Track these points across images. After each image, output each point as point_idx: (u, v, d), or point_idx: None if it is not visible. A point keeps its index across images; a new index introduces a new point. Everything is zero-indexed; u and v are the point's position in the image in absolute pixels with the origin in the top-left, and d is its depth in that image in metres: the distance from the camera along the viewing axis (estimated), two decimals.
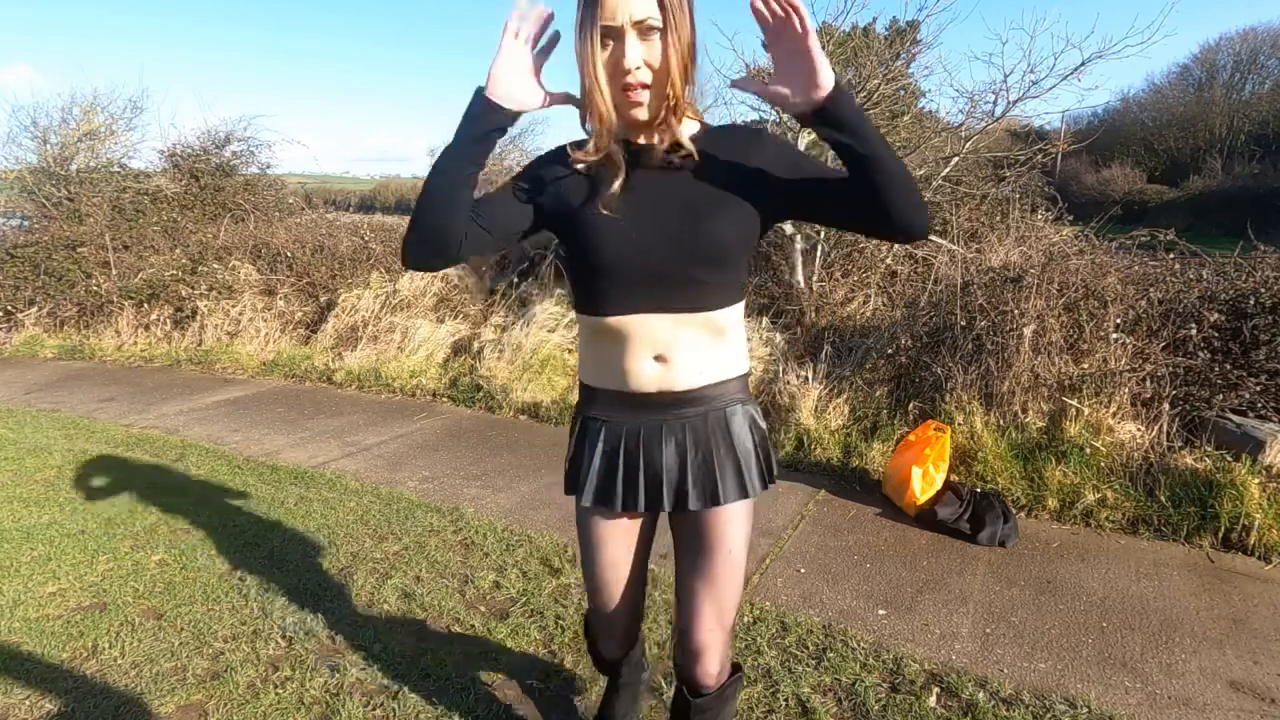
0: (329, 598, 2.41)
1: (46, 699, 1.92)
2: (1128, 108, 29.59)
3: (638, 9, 1.00)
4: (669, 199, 1.10)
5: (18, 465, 3.68)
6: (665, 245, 1.08)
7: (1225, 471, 2.88)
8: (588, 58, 1.02)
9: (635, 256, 1.09)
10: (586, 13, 1.02)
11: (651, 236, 1.08)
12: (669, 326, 1.13)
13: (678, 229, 1.08)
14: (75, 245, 7.35)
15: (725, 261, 1.11)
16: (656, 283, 1.10)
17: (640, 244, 1.08)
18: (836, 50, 5.50)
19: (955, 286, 3.94)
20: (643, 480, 1.19)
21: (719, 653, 1.24)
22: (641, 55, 1.02)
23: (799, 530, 2.96)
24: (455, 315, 5.88)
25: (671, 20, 1.02)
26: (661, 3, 1.01)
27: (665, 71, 1.03)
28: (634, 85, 1.03)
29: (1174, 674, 2.05)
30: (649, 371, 1.15)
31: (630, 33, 1.01)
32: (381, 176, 48.58)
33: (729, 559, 1.21)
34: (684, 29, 1.03)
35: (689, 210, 1.09)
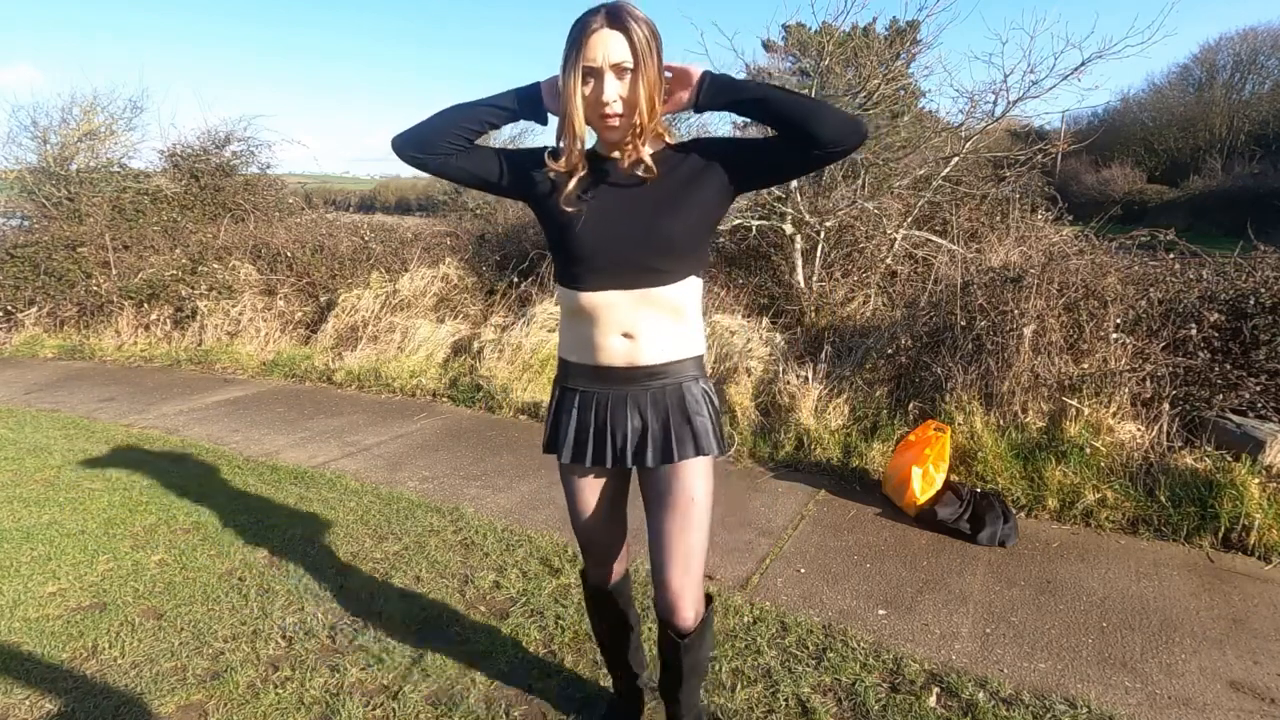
0: (329, 598, 2.41)
1: (46, 699, 1.92)
2: (1128, 108, 29.59)
3: (614, 53, 1.22)
4: (629, 202, 1.33)
5: (18, 465, 3.68)
6: (624, 239, 1.31)
7: (1225, 471, 2.88)
8: (571, 91, 1.24)
9: (600, 247, 1.32)
10: (571, 52, 1.24)
11: (613, 231, 1.31)
12: (633, 305, 1.34)
13: (633, 227, 1.31)
14: (75, 245, 7.35)
15: (675, 252, 1.33)
16: (619, 267, 1.32)
17: (603, 237, 1.31)
18: (836, 50, 5.50)
19: (955, 286, 3.94)
20: (610, 441, 1.41)
21: (693, 596, 1.43)
22: (617, 91, 1.25)
23: (799, 530, 2.97)
24: (455, 315, 5.88)
25: (642, 63, 1.23)
26: (634, 49, 1.23)
27: (634, 104, 1.25)
28: (610, 115, 1.26)
29: (1174, 674, 2.05)
30: (618, 347, 1.37)
31: (608, 73, 1.23)
32: (381, 176, 48.54)
33: (692, 506, 1.40)
34: (651, 71, 1.25)
35: (644, 213, 1.32)
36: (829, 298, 4.82)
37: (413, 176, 37.63)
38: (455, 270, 6.23)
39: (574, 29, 1.24)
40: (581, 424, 1.44)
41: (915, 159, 5.47)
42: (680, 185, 1.33)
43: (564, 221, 1.33)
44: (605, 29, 1.22)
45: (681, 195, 1.32)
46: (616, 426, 1.41)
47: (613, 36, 1.22)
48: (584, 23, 1.23)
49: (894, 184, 5.26)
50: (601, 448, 1.42)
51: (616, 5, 1.24)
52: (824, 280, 5.01)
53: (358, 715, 1.85)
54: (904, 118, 6.38)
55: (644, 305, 1.34)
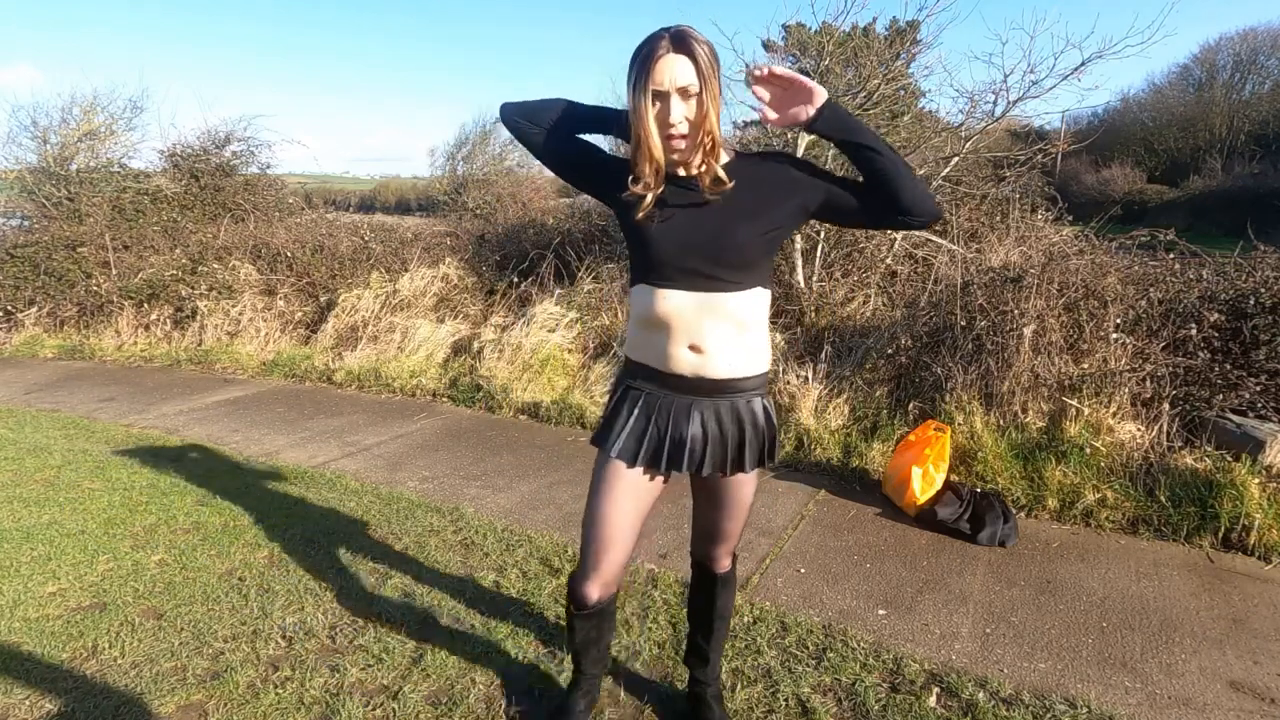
0: (329, 598, 2.41)
1: (46, 699, 1.92)
2: (1128, 108, 29.58)
3: (680, 77, 1.28)
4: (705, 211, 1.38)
5: (18, 465, 3.68)
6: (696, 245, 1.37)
7: (1225, 471, 2.88)
8: (642, 114, 1.29)
9: (673, 251, 1.38)
10: (640, 78, 1.29)
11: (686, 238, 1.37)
12: (697, 313, 1.39)
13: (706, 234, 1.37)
14: (75, 245, 7.35)
15: (742, 258, 1.38)
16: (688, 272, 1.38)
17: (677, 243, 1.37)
18: (836, 50, 5.50)
19: (955, 286, 3.94)
20: (668, 446, 1.46)
21: (729, 554, 1.71)
22: (683, 113, 1.30)
23: (799, 530, 2.96)
24: (455, 315, 5.87)
25: (706, 84, 1.29)
26: (699, 71, 1.28)
27: (702, 123, 1.30)
28: (676, 136, 1.31)
29: (1174, 674, 2.05)
30: (687, 358, 1.42)
31: (674, 96, 1.29)
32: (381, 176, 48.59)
33: (741, 507, 1.60)
34: (715, 89, 1.30)
35: (717, 220, 1.37)
36: (829, 298, 4.82)
37: (412, 176, 37.59)
38: (455, 270, 6.23)
39: (640, 53, 1.29)
40: (641, 424, 1.47)
41: (915, 159, 5.46)
42: (757, 196, 1.38)
43: (642, 230, 1.39)
44: (671, 54, 1.27)
45: (758, 205, 1.38)
46: (677, 432, 1.45)
47: (678, 61, 1.27)
48: (650, 48, 1.28)
49: None
50: (657, 452, 1.46)
51: (679, 30, 1.29)
52: (824, 280, 5.01)
53: (358, 715, 1.85)
54: (904, 118, 6.38)
55: (708, 314, 1.39)
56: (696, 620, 1.78)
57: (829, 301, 4.79)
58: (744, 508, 1.59)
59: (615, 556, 1.53)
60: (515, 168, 11.83)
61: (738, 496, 1.56)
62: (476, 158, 11.91)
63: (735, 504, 1.57)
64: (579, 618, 1.61)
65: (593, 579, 1.55)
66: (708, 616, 1.74)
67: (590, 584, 1.55)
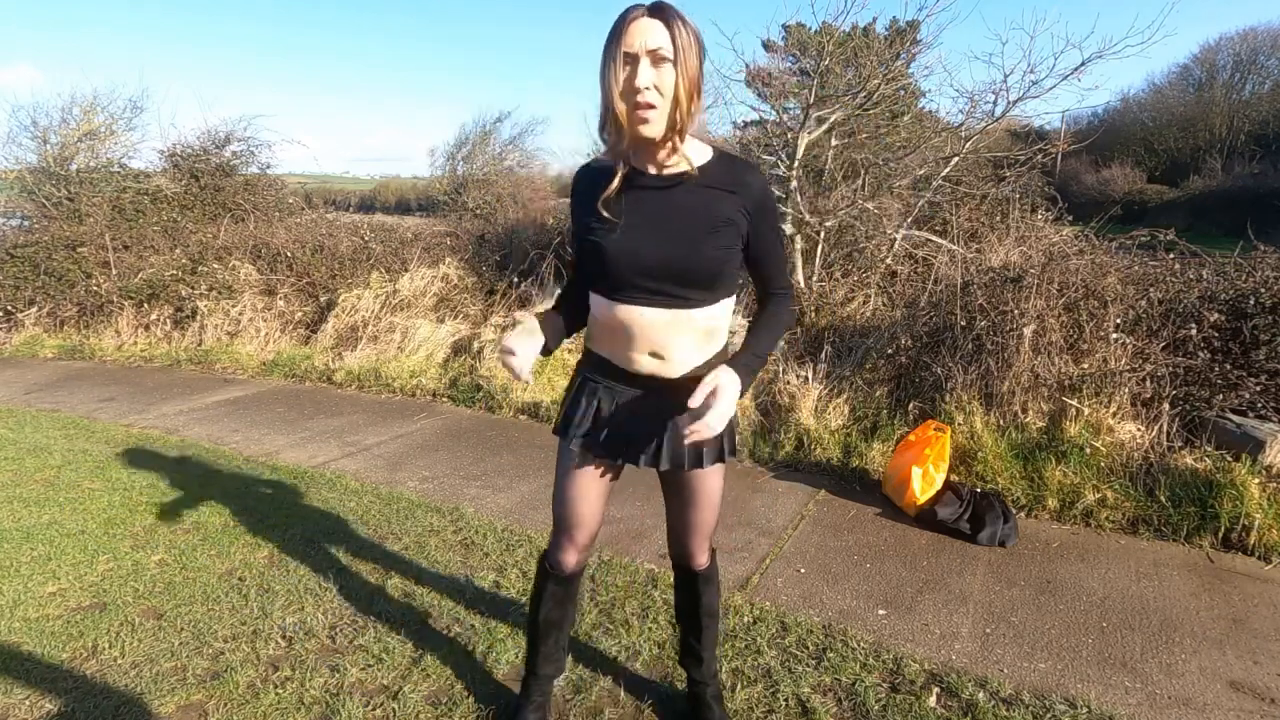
0: (329, 598, 2.41)
1: (46, 699, 1.92)
2: (1128, 108, 29.58)
3: (652, 40, 1.21)
4: (669, 218, 1.32)
5: (18, 465, 3.68)
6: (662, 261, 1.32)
7: (1225, 471, 2.88)
8: (611, 77, 1.22)
9: (633, 266, 1.33)
10: (611, 40, 1.23)
11: (651, 250, 1.32)
12: (665, 326, 1.36)
13: (673, 249, 1.32)
14: (75, 245, 7.35)
15: (715, 279, 1.35)
16: (655, 288, 1.34)
17: (640, 255, 1.32)
18: (836, 50, 5.50)
19: (955, 286, 3.94)
20: (624, 439, 1.48)
21: (705, 549, 1.68)
22: (652, 79, 1.22)
23: (799, 530, 2.96)
24: (455, 315, 5.88)
25: (681, 54, 1.22)
26: (673, 38, 1.21)
27: (675, 97, 1.23)
28: (643, 105, 1.22)
29: (1174, 674, 2.05)
30: (647, 363, 1.42)
31: (644, 59, 1.21)
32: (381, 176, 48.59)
33: (709, 500, 1.58)
34: (691, 63, 1.23)
35: (684, 235, 1.32)
36: (829, 298, 4.82)
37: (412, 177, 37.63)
38: (455, 270, 6.23)
39: (616, 20, 1.25)
40: (599, 416, 1.49)
41: (915, 159, 5.47)
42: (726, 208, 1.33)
43: (600, 235, 1.34)
44: (645, 18, 1.23)
45: (726, 218, 1.33)
46: (635, 426, 1.47)
47: (652, 25, 1.22)
48: (625, 12, 1.25)
49: (894, 184, 5.26)
50: (617, 444, 1.49)
51: (660, 1, 1.24)
52: (824, 280, 5.01)
53: (358, 715, 1.84)
54: (904, 118, 6.38)
55: (676, 329, 1.37)
56: (685, 621, 1.77)
57: (829, 301, 4.79)
58: (712, 499, 1.58)
59: (586, 530, 1.60)
60: (515, 168, 11.84)
61: (704, 488, 1.55)
62: (476, 158, 11.92)
63: (702, 495, 1.56)
64: (553, 580, 1.66)
65: (568, 547, 1.62)
66: (695, 616, 1.74)
67: (566, 552, 1.62)
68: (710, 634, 1.76)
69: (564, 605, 1.71)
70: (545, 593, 1.68)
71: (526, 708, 1.76)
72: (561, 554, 1.63)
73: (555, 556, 1.64)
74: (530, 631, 1.75)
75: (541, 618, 1.70)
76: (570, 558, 1.63)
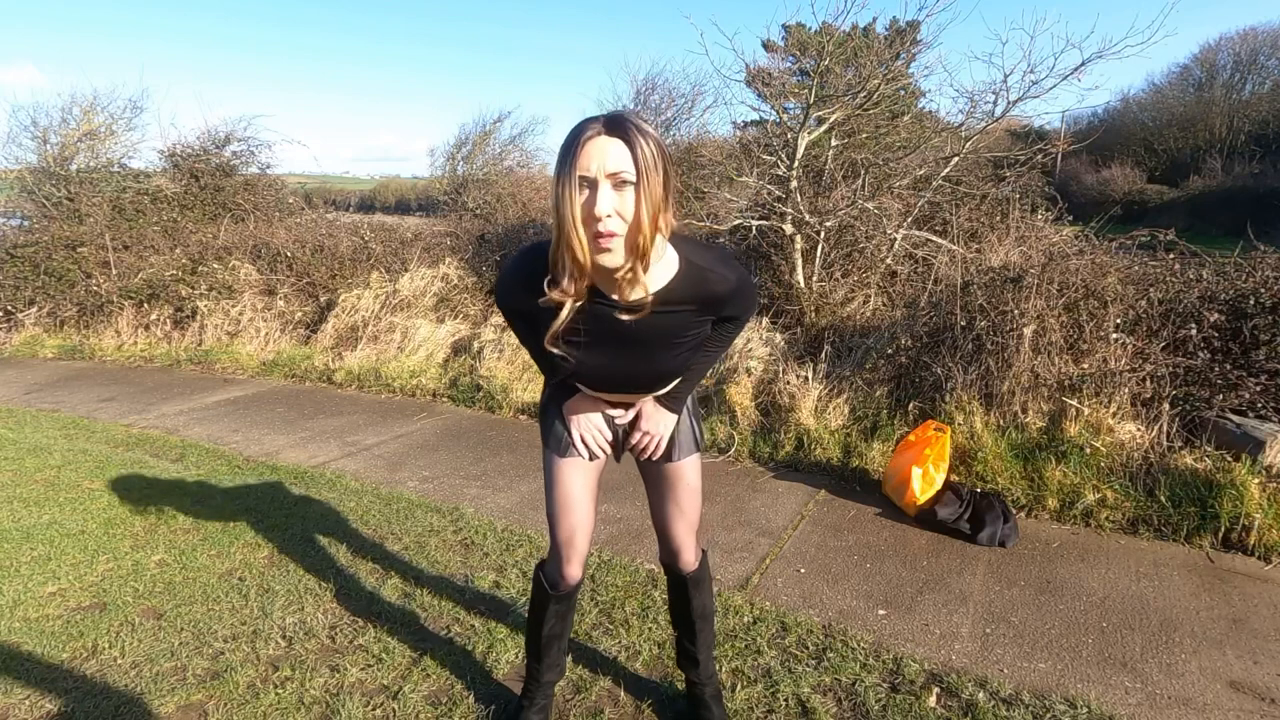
0: (329, 598, 2.41)
1: (46, 699, 1.92)
2: (1128, 108, 29.54)
3: (611, 163, 1.10)
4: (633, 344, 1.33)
5: (18, 465, 3.68)
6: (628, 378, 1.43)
7: (1225, 471, 2.88)
8: (566, 203, 1.12)
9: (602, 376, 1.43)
10: (565, 163, 1.12)
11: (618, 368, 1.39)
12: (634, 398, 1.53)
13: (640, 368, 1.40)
14: (75, 245, 7.35)
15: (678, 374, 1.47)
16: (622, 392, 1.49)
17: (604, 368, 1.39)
18: (836, 50, 5.50)
19: (955, 286, 3.94)
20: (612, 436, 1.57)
21: (691, 546, 1.69)
22: (613, 204, 1.12)
23: (799, 530, 2.96)
24: (455, 315, 5.88)
25: (644, 176, 1.11)
26: (635, 159, 1.11)
27: (636, 222, 1.13)
28: (604, 234, 1.12)
29: (1174, 674, 2.05)
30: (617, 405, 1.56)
31: (604, 183, 1.11)
32: (381, 176, 48.58)
33: (689, 489, 1.63)
34: (655, 186, 1.13)
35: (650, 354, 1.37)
36: (829, 298, 4.82)
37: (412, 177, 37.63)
38: (455, 270, 6.23)
39: (568, 137, 1.14)
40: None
41: (915, 159, 5.46)
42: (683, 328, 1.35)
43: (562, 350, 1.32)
44: (603, 136, 1.11)
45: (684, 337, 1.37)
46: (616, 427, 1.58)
47: (611, 144, 1.11)
48: (579, 129, 1.13)
49: (894, 184, 5.26)
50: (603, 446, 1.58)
51: (618, 114, 1.15)
52: (824, 280, 5.01)
53: (358, 715, 1.84)
54: (904, 118, 6.38)
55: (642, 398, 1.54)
56: (679, 624, 1.79)
57: (829, 301, 4.79)
58: (692, 488, 1.62)
59: (583, 537, 1.62)
60: (515, 168, 11.83)
61: (683, 479, 1.61)
62: (476, 158, 11.91)
63: (682, 486, 1.61)
64: (555, 599, 1.67)
65: (570, 559, 1.62)
66: (688, 618, 1.74)
67: (569, 565, 1.62)
68: (705, 636, 1.76)
69: (565, 619, 1.73)
70: (548, 611, 1.68)
71: (530, 709, 1.77)
72: (565, 567, 1.62)
73: (557, 575, 1.63)
74: (532, 644, 1.75)
75: (545, 633, 1.70)
76: (574, 570, 1.63)
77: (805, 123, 5.16)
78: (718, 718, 1.78)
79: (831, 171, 5.67)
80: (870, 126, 5.86)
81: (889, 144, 5.95)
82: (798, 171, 5.08)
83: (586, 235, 1.13)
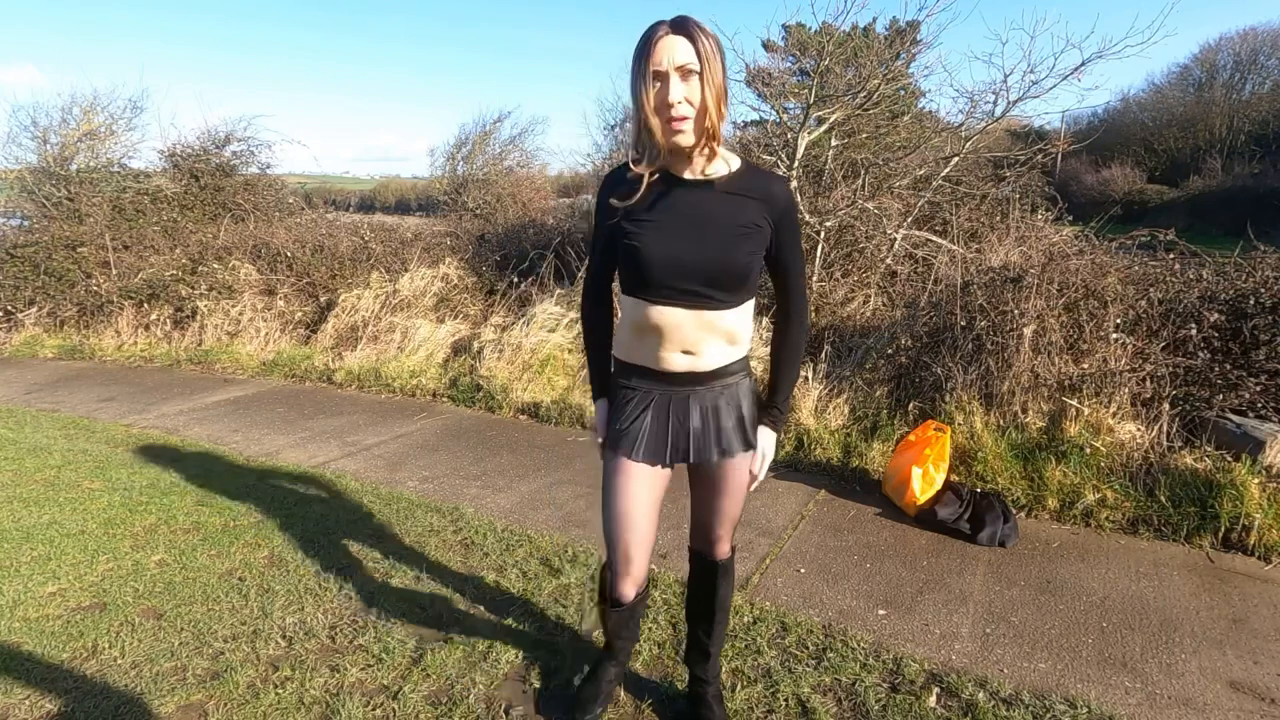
0: (329, 598, 2.41)
1: (46, 699, 1.92)
2: (1128, 108, 29.53)
3: (679, 56, 1.27)
4: (703, 222, 1.40)
5: (18, 465, 3.68)
6: (691, 266, 1.39)
7: (1225, 471, 2.88)
8: (642, 96, 1.29)
9: (669, 268, 1.39)
10: (639, 59, 1.29)
11: (681, 254, 1.39)
12: (694, 326, 1.44)
13: (701, 253, 1.39)
14: (75, 245, 7.35)
15: (743, 282, 1.44)
16: (685, 290, 1.41)
17: (671, 258, 1.39)
18: (836, 50, 5.50)
19: (955, 286, 3.94)
20: (672, 438, 1.53)
21: (729, 537, 1.72)
22: (683, 93, 1.29)
23: (799, 530, 2.96)
24: (455, 315, 5.87)
25: (707, 66, 1.28)
26: (698, 52, 1.28)
27: (703, 106, 1.30)
28: (677, 118, 1.30)
29: (1174, 674, 2.05)
30: (680, 361, 1.49)
31: (674, 75, 1.28)
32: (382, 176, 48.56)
33: (738, 487, 1.62)
34: (716, 73, 1.30)
35: (712, 240, 1.39)
36: (829, 298, 4.82)
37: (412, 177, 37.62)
38: (455, 270, 6.23)
39: (641, 39, 1.30)
40: (645, 422, 1.53)
41: (915, 159, 5.47)
42: (753, 215, 1.42)
43: (634, 239, 1.41)
44: (670, 35, 1.28)
45: (753, 225, 1.42)
46: (681, 425, 1.53)
47: (678, 41, 1.28)
48: (650, 31, 1.30)
49: (894, 184, 5.26)
50: (664, 446, 1.53)
51: (680, 17, 1.31)
52: (824, 280, 5.01)
53: (358, 715, 1.84)
54: (904, 118, 6.38)
55: (704, 328, 1.45)
56: (697, 613, 1.80)
57: (829, 301, 4.79)
58: (740, 486, 1.63)
59: (641, 552, 1.60)
60: (515, 168, 11.81)
61: (733, 476, 1.60)
62: (476, 158, 11.89)
63: (732, 483, 1.61)
64: (615, 613, 1.71)
65: (624, 578, 1.63)
66: (709, 608, 1.76)
67: (624, 582, 1.64)
68: (720, 629, 1.79)
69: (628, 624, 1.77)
70: (611, 620, 1.74)
71: (607, 662, 1.86)
72: (620, 584, 1.64)
73: (615, 589, 1.66)
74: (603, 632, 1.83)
75: (611, 628, 1.77)
76: (628, 588, 1.65)
77: (805, 123, 5.16)
78: (719, 718, 1.79)
79: (831, 171, 5.67)
80: (870, 126, 5.86)
81: (889, 144, 5.95)
82: (798, 171, 5.08)
83: (661, 121, 1.30)
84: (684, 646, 1.89)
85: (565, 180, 13.57)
